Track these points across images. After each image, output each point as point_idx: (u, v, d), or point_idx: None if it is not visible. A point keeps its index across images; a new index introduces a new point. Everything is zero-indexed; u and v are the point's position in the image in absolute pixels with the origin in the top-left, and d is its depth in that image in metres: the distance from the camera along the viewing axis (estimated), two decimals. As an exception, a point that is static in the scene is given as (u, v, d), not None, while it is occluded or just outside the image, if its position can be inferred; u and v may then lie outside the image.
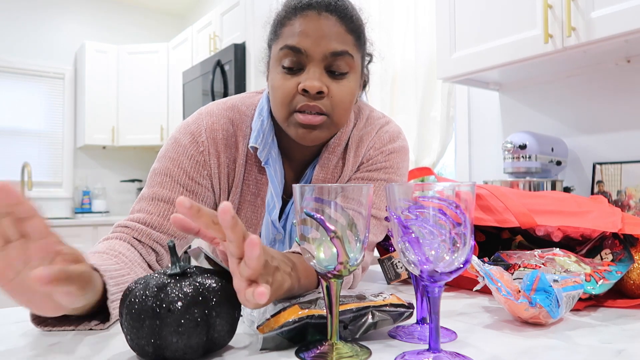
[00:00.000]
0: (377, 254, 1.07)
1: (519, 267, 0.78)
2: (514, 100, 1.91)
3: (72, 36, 4.17)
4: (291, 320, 0.53)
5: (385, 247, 1.03)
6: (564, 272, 0.73)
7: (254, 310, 0.58)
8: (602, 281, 0.72)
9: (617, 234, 0.81)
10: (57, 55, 4.11)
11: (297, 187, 0.52)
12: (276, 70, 0.82)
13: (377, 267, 1.13)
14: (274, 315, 0.55)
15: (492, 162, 1.99)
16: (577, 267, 0.75)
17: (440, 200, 0.47)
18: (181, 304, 0.48)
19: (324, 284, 0.51)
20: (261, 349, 0.53)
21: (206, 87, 3.16)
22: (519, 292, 0.64)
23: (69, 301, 0.51)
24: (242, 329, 0.61)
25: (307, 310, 0.55)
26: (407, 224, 0.48)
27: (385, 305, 0.57)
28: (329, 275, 0.51)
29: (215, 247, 1.15)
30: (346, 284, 0.81)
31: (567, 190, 1.57)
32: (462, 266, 0.48)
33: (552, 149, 1.58)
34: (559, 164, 1.61)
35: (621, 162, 1.54)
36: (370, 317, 0.56)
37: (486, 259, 0.85)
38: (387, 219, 0.96)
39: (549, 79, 1.78)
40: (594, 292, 0.71)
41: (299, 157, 0.93)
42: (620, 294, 0.77)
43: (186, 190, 0.86)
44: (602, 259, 0.80)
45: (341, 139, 0.91)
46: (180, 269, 0.52)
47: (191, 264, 0.57)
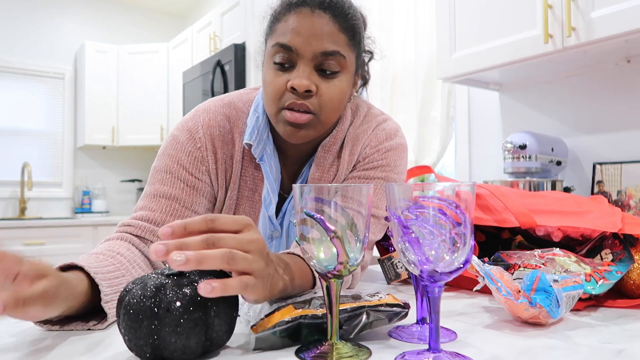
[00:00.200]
0: (377, 254, 1.07)
1: (519, 267, 0.78)
2: (514, 100, 1.91)
3: (72, 36, 4.17)
4: (284, 320, 0.53)
5: (385, 247, 1.03)
6: (564, 272, 0.73)
7: (250, 310, 0.59)
8: (602, 281, 0.72)
9: (617, 234, 0.81)
10: (57, 55, 4.10)
11: (296, 187, 0.52)
12: (268, 66, 0.83)
13: (377, 267, 1.13)
14: (268, 315, 0.55)
15: (492, 162, 1.99)
16: (577, 267, 0.75)
17: (440, 200, 0.47)
18: (180, 304, 0.48)
19: (324, 284, 0.51)
20: (254, 349, 0.53)
21: (206, 87, 3.16)
22: (519, 292, 0.64)
23: (34, 317, 0.51)
24: (240, 328, 0.61)
25: (300, 310, 0.55)
26: (407, 224, 0.48)
27: (380, 305, 0.57)
28: (329, 275, 0.51)
29: None
30: (345, 283, 0.81)
31: (567, 190, 1.57)
32: (462, 266, 0.48)
33: (552, 149, 1.58)
34: (559, 164, 1.61)
35: (621, 162, 1.54)
36: (365, 316, 0.56)
37: (486, 259, 0.85)
38: (387, 218, 0.96)
39: (549, 79, 1.78)
40: (594, 292, 0.71)
41: (294, 154, 0.92)
42: (620, 294, 0.77)
43: (187, 185, 0.86)
44: (602, 259, 0.79)
45: (337, 137, 0.91)
46: (176, 270, 0.52)
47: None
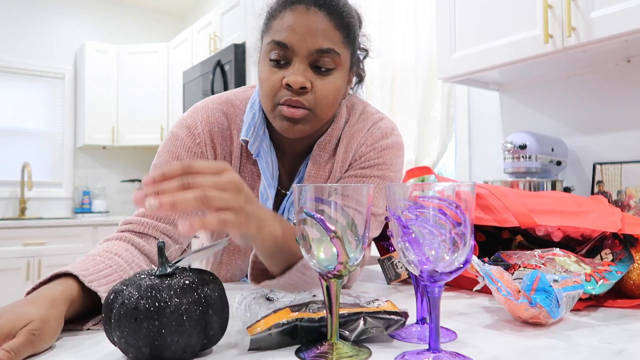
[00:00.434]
0: (377, 254, 1.07)
1: (519, 267, 0.78)
2: (514, 100, 1.91)
3: (72, 36, 4.17)
4: (281, 322, 0.53)
5: (385, 247, 1.03)
6: (564, 272, 0.73)
7: (247, 311, 0.59)
8: (602, 281, 0.72)
9: (617, 234, 0.81)
10: (57, 55, 4.10)
11: (296, 187, 0.52)
12: (264, 62, 0.84)
13: (377, 267, 1.13)
14: (265, 316, 0.55)
15: (492, 162, 1.99)
16: (577, 267, 0.75)
17: (440, 200, 0.47)
18: (180, 302, 0.48)
19: (324, 284, 0.51)
20: (249, 349, 0.53)
21: (206, 87, 3.16)
22: (519, 292, 0.64)
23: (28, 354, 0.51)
24: (235, 329, 0.61)
25: (297, 312, 0.55)
26: (407, 224, 0.48)
27: (378, 312, 0.57)
28: (329, 275, 0.51)
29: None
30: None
31: (567, 190, 1.57)
32: (462, 266, 0.48)
33: (552, 149, 1.58)
34: (559, 164, 1.61)
35: (621, 162, 1.54)
36: (362, 323, 0.56)
37: (486, 259, 0.85)
38: (387, 218, 0.96)
39: (549, 79, 1.78)
40: (594, 292, 0.71)
41: (291, 152, 0.93)
42: (620, 294, 0.77)
43: None
44: (602, 259, 0.79)
45: (332, 135, 0.91)
46: (169, 270, 0.52)
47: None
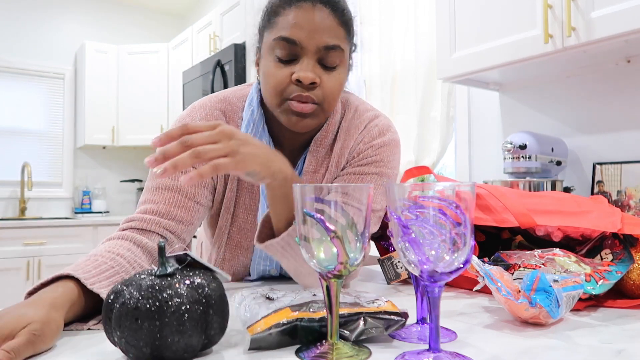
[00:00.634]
0: (377, 255, 1.07)
1: (519, 267, 0.78)
2: (514, 100, 1.91)
3: (72, 36, 4.17)
4: (281, 322, 0.53)
5: (385, 247, 1.03)
6: (564, 272, 0.73)
7: (247, 311, 0.59)
8: (602, 281, 0.72)
9: (617, 234, 0.81)
10: (57, 55, 4.10)
11: (297, 187, 0.52)
12: (269, 58, 0.84)
13: (377, 267, 1.13)
14: (265, 316, 0.55)
15: (492, 162, 1.99)
16: (577, 267, 0.75)
17: (440, 200, 0.47)
18: (181, 302, 0.48)
19: (324, 284, 0.51)
20: (249, 349, 0.53)
21: (206, 87, 3.16)
22: (519, 292, 0.64)
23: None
24: (235, 328, 0.61)
25: (297, 312, 0.55)
26: (407, 224, 0.48)
27: (378, 312, 0.57)
28: (329, 275, 0.51)
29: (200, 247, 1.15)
30: None
31: (567, 190, 1.57)
32: (462, 266, 0.48)
33: (552, 149, 1.58)
34: (559, 164, 1.60)
35: (621, 162, 1.54)
36: (362, 323, 0.56)
37: (486, 259, 0.85)
38: (387, 218, 0.96)
39: (549, 79, 1.78)
40: (594, 292, 0.70)
41: (289, 145, 0.94)
42: (620, 294, 0.77)
43: None
44: (602, 259, 0.79)
45: (329, 130, 0.93)
46: (170, 270, 0.52)
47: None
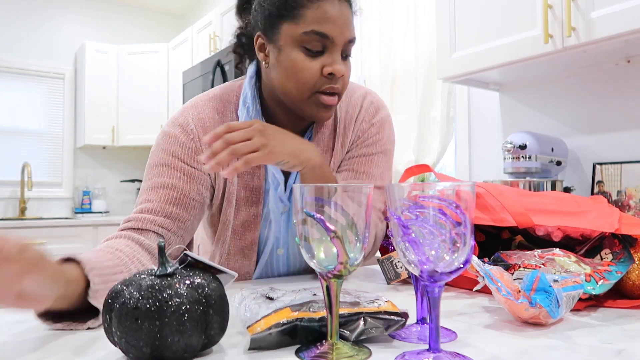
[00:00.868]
0: (377, 255, 1.07)
1: (519, 267, 0.78)
2: (514, 100, 1.91)
3: (72, 36, 4.17)
4: (281, 322, 0.53)
5: (385, 247, 1.03)
6: (564, 272, 0.73)
7: (247, 311, 0.59)
8: (602, 281, 0.72)
9: (616, 234, 0.81)
10: (57, 55, 4.10)
11: (297, 187, 0.52)
12: (295, 50, 0.84)
13: (378, 267, 1.13)
14: (265, 316, 0.55)
15: (492, 162, 1.99)
16: (577, 267, 0.75)
17: (440, 200, 0.47)
18: (181, 302, 0.48)
19: (324, 284, 0.51)
20: (249, 349, 0.53)
21: (206, 87, 3.16)
22: (519, 292, 0.64)
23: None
24: (235, 328, 0.61)
25: (297, 312, 0.55)
26: (407, 224, 0.48)
27: (378, 312, 0.57)
28: (329, 275, 0.50)
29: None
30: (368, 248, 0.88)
31: (567, 190, 1.57)
32: (462, 266, 0.48)
33: (552, 149, 1.58)
34: (559, 164, 1.60)
35: (621, 162, 1.54)
36: (362, 323, 0.55)
37: (486, 259, 0.85)
38: (387, 218, 0.97)
39: (549, 79, 1.78)
40: (594, 292, 0.70)
41: (292, 131, 0.95)
42: (620, 294, 0.77)
43: (183, 174, 0.88)
44: (602, 259, 0.79)
45: None
46: (169, 269, 0.52)
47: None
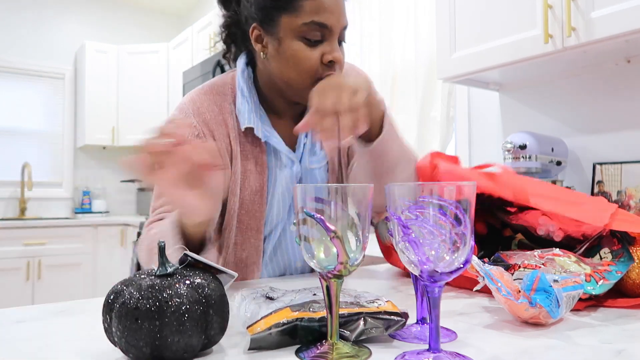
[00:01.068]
0: (377, 254, 1.07)
1: (519, 267, 0.78)
2: (514, 100, 1.91)
3: (72, 36, 4.17)
4: (281, 322, 0.53)
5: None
6: (564, 272, 0.73)
7: (247, 311, 0.59)
8: (602, 281, 0.72)
9: (615, 232, 0.81)
10: (57, 55, 4.11)
11: (297, 187, 0.52)
12: (295, 41, 0.87)
13: (378, 267, 1.13)
14: (265, 316, 0.55)
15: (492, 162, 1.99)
16: (577, 267, 0.75)
17: (440, 200, 0.47)
18: (181, 302, 0.48)
19: (324, 284, 0.51)
20: (249, 349, 0.53)
21: (206, 87, 3.16)
22: (519, 292, 0.64)
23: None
24: (235, 328, 0.61)
25: (297, 312, 0.55)
26: (407, 224, 0.48)
27: (378, 312, 0.57)
28: (329, 275, 0.51)
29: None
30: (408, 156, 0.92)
31: (567, 190, 1.57)
32: (462, 266, 0.48)
33: (552, 149, 1.58)
34: (559, 164, 1.61)
35: (621, 162, 1.54)
36: (362, 323, 0.56)
37: (486, 260, 0.85)
38: (387, 218, 0.97)
39: (549, 79, 1.78)
40: (594, 292, 0.70)
41: (288, 116, 1.01)
42: (620, 293, 0.77)
43: None
44: (601, 259, 0.79)
45: None
46: (169, 270, 0.52)
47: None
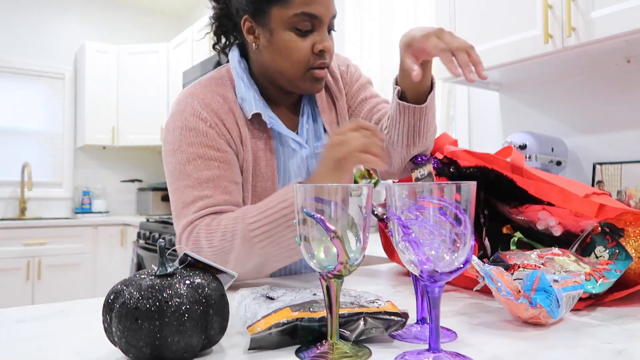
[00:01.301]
0: (377, 255, 1.07)
1: (519, 267, 0.78)
2: (514, 100, 1.91)
3: (72, 36, 4.17)
4: (281, 322, 0.53)
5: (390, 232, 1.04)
6: (564, 272, 0.73)
7: (247, 311, 0.59)
8: (601, 280, 0.72)
9: (605, 229, 0.81)
10: (57, 55, 4.11)
11: (298, 187, 0.52)
12: (287, 32, 0.89)
13: (377, 267, 1.13)
14: (265, 316, 0.55)
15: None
16: (577, 267, 0.75)
17: (440, 200, 0.47)
18: (181, 302, 0.48)
19: (324, 284, 0.51)
20: (249, 349, 0.53)
21: (206, 87, 3.16)
22: (519, 292, 0.64)
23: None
24: (235, 328, 0.61)
25: (297, 312, 0.55)
26: (407, 224, 0.48)
27: (378, 312, 0.57)
28: (329, 275, 0.51)
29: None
30: (431, 123, 0.94)
31: (567, 190, 1.57)
32: (462, 266, 0.48)
33: (552, 149, 1.58)
34: (559, 164, 1.61)
35: (621, 162, 1.54)
36: (362, 323, 0.56)
37: (486, 260, 0.85)
38: (387, 218, 0.97)
39: (549, 79, 1.78)
40: (594, 291, 0.71)
41: (286, 105, 1.04)
42: (619, 285, 0.76)
43: (220, 162, 0.90)
44: (597, 257, 0.79)
45: None
46: (169, 270, 0.52)
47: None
